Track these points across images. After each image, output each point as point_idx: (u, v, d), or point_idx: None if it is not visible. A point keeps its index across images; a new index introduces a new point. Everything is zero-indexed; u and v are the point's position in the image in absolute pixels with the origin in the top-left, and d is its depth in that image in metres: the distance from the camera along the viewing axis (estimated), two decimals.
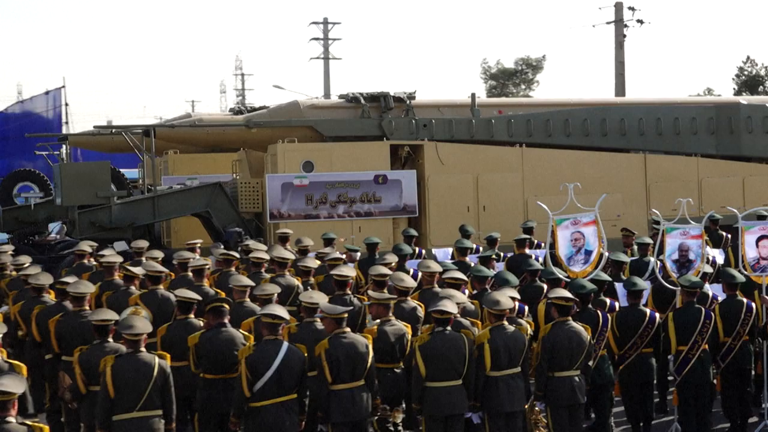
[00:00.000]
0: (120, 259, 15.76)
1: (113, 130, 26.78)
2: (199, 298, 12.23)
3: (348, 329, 10.98)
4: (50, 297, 13.68)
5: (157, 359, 10.28)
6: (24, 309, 13.68)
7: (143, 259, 16.40)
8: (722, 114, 26.22)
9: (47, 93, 40.27)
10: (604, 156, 25.15)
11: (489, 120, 24.48)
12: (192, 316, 12.03)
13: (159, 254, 16.72)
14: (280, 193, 22.73)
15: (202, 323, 11.76)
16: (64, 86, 38.31)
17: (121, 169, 27.81)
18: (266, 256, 15.66)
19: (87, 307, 12.57)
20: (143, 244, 18.26)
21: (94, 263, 17.15)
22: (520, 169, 24.39)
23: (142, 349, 10.26)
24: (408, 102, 24.26)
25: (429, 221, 23.56)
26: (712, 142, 26.13)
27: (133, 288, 14.32)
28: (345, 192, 23.00)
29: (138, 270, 14.59)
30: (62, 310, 12.81)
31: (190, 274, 14.80)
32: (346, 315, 11.03)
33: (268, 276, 14.91)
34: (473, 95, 25.25)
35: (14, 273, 16.69)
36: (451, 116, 24.43)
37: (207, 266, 15.05)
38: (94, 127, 28.84)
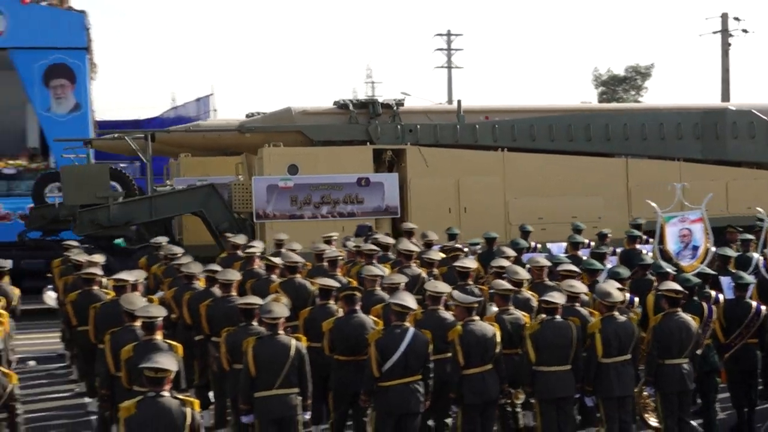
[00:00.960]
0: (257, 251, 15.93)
1: (116, 135, 26.46)
2: (338, 285, 12.37)
3: (477, 317, 11.06)
4: (200, 284, 13.94)
5: (293, 341, 10.44)
6: (177, 294, 13.98)
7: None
8: (708, 120, 25.27)
9: (198, 100, 40.94)
10: (584, 160, 24.38)
11: (473, 125, 24.03)
12: (332, 302, 12.16)
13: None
14: (265, 194, 22.57)
15: (341, 309, 11.88)
16: (212, 93, 38.91)
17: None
18: (415, 248, 15.78)
19: (234, 293, 12.82)
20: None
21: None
22: (501, 173, 23.79)
23: (281, 331, 10.42)
24: (395, 108, 24.00)
25: (411, 222, 23.00)
26: (698, 146, 25.20)
27: (274, 276, 14.55)
28: (329, 194, 22.72)
29: (277, 260, 14.82)
30: (211, 295, 13.08)
31: (326, 264, 14.94)
32: (476, 304, 11.10)
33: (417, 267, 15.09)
34: (459, 102, 24.83)
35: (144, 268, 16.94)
36: (438, 121, 24.02)
37: (340, 257, 15.20)
38: (97, 131, 29.13)
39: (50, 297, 18.46)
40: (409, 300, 10.82)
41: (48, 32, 31.20)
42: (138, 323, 10.66)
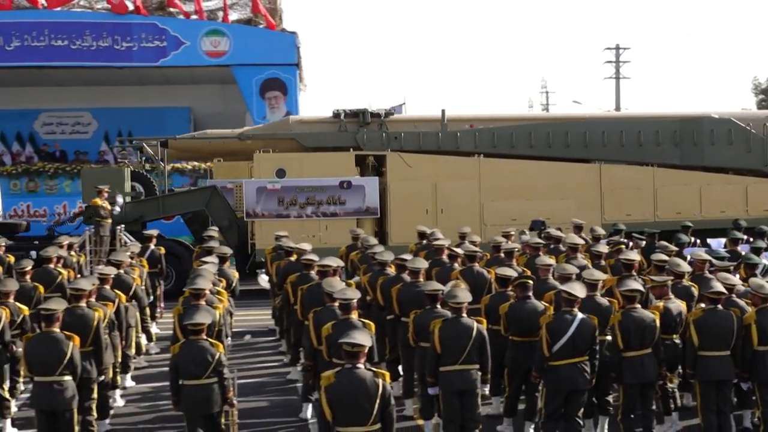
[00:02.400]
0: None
1: (134, 141, 26.42)
2: (514, 275, 12.29)
3: (638, 305, 10.85)
4: (391, 270, 14.06)
5: (475, 323, 10.48)
6: (371, 279, 14.13)
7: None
8: (686, 127, 23.98)
9: (392, 109, 41.17)
10: (558, 165, 23.51)
11: (455, 133, 23.50)
12: (509, 290, 12.08)
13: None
14: (255, 195, 22.62)
15: (513, 297, 11.81)
16: (404, 103, 39.13)
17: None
18: (581, 241, 15.61)
19: (421, 279, 12.89)
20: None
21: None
22: (476, 177, 23.25)
23: (464, 314, 10.46)
24: (383, 118, 23.76)
25: (390, 222, 23.02)
26: (676, 153, 23.93)
27: (456, 265, 14.56)
28: (313, 195, 22.68)
29: (459, 250, 14.82)
30: (401, 281, 13.19)
31: (503, 255, 14.85)
32: (637, 293, 10.87)
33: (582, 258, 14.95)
34: (443, 111, 24.16)
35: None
36: (424, 129, 23.62)
37: (516, 249, 15.09)
38: (117, 139, 28.91)
39: (263, 279, 18.99)
40: (578, 288, 10.71)
41: (264, 51, 32.11)
42: (336, 304, 10.86)
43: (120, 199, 21.90)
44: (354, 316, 10.49)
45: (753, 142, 24.16)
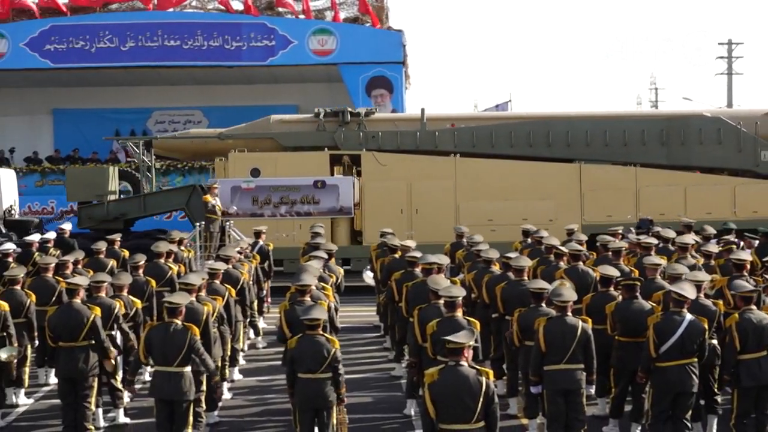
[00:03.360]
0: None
1: (119, 140, 27.44)
2: (616, 274, 12.12)
3: (754, 307, 10.62)
4: (496, 268, 14.01)
5: (580, 322, 10.37)
6: (476, 277, 14.10)
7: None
8: (673, 126, 23.06)
9: (497, 106, 41.10)
10: (537, 165, 22.88)
11: (433, 132, 23.05)
12: (611, 289, 11.92)
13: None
14: (230, 194, 22.55)
15: (619, 295, 11.63)
16: (510, 100, 38.96)
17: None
18: (692, 241, 15.29)
19: (525, 277, 12.81)
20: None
21: None
22: (452, 177, 22.84)
23: (569, 313, 10.37)
24: (362, 117, 23.44)
25: (364, 222, 22.70)
26: (663, 153, 23.09)
27: (561, 263, 14.43)
28: (287, 195, 22.60)
29: (564, 249, 14.67)
30: (506, 278, 13.12)
31: (610, 254, 14.65)
32: (753, 294, 10.65)
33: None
34: (422, 110, 23.69)
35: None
36: (404, 129, 23.30)
37: (624, 248, 14.86)
38: (104, 138, 29.55)
39: (368, 276, 19.10)
40: (688, 289, 10.49)
41: (371, 49, 32.33)
42: (441, 301, 10.86)
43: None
44: (459, 313, 10.51)
45: (744, 141, 23.41)
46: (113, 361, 11.91)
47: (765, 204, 22.99)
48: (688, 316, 10.26)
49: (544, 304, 11.03)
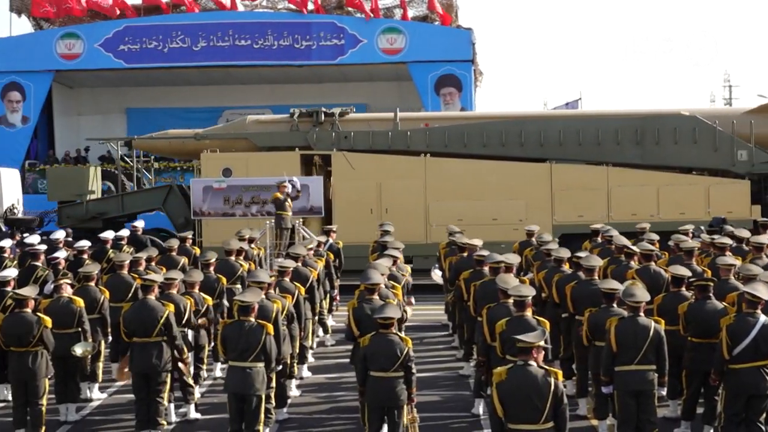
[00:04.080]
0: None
1: (101, 141, 27.95)
2: (688, 274, 11.95)
3: None
4: (566, 267, 13.91)
5: (653, 323, 10.28)
6: (547, 276, 14.03)
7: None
8: (648, 125, 22.51)
9: (567, 104, 40.81)
10: (507, 165, 22.57)
11: (405, 132, 22.92)
12: (683, 289, 11.76)
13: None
14: (202, 194, 22.69)
15: (691, 296, 11.48)
16: (580, 98, 38.65)
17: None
18: (766, 240, 15.00)
19: (596, 277, 12.70)
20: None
21: None
22: (422, 177, 22.67)
23: (641, 314, 10.27)
24: (336, 117, 23.44)
25: (334, 221, 22.53)
26: (638, 152, 22.57)
27: (632, 263, 14.28)
28: (258, 194, 22.59)
29: (635, 248, 14.51)
30: (576, 278, 13.02)
31: (682, 254, 14.43)
32: None
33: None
34: (395, 110, 23.56)
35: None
36: (377, 129, 23.27)
37: (696, 248, 14.64)
38: (86, 139, 29.83)
39: (437, 275, 19.09)
40: (762, 290, 10.28)
41: (440, 47, 32.35)
42: (510, 300, 10.83)
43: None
44: (528, 313, 10.47)
45: (720, 140, 22.91)
46: (186, 357, 12.08)
47: (739, 204, 22.73)
48: (762, 318, 10.07)
49: (615, 305, 10.93)
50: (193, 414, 12.63)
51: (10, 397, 12.19)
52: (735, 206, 22.53)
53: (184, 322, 12.15)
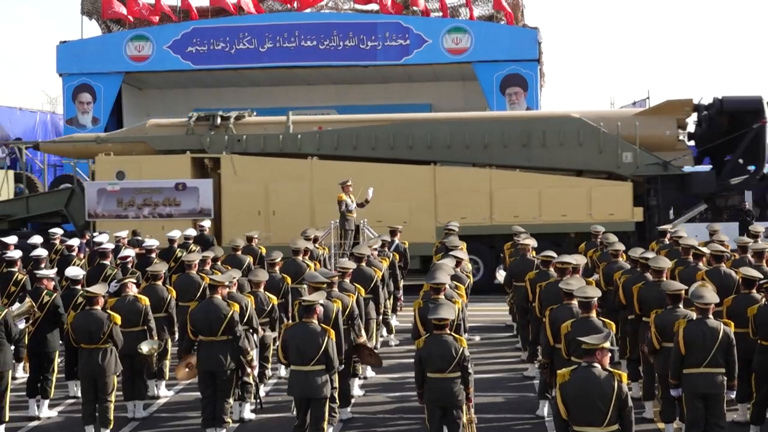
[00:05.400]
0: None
1: (10, 144, 28.85)
2: (759, 276, 11.73)
3: None
4: (622, 259, 13.76)
5: (722, 325, 10.14)
6: (606, 272, 13.89)
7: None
8: (533, 128, 22.33)
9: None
10: (392, 167, 22.63)
11: (296, 135, 23.11)
12: (754, 291, 11.55)
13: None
14: (96, 196, 23.13)
15: (762, 298, 11.28)
16: (648, 97, 38.14)
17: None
18: None
19: (664, 278, 12.52)
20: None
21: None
22: (309, 179, 22.81)
23: (710, 316, 10.14)
24: (231, 121, 23.68)
25: (224, 222, 22.77)
26: (525, 154, 22.36)
27: (701, 265, 14.05)
28: (150, 197, 23.03)
29: (705, 250, 14.27)
30: (643, 279, 12.87)
31: (750, 256, 14.17)
32: None
33: None
34: (288, 114, 23.66)
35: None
36: (271, 132, 23.48)
37: (765, 249, 14.34)
38: (13, 141, 30.33)
39: (501, 275, 19.03)
40: None
41: (505, 47, 32.20)
42: (574, 302, 10.74)
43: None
44: (593, 314, 10.38)
45: (604, 142, 22.63)
46: (249, 357, 12.15)
47: (621, 206, 22.59)
48: None
49: (681, 306, 10.78)
50: (248, 414, 12.67)
51: (79, 394, 12.41)
52: (617, 208, 22.58)
53: (245, 320, 12.25)
